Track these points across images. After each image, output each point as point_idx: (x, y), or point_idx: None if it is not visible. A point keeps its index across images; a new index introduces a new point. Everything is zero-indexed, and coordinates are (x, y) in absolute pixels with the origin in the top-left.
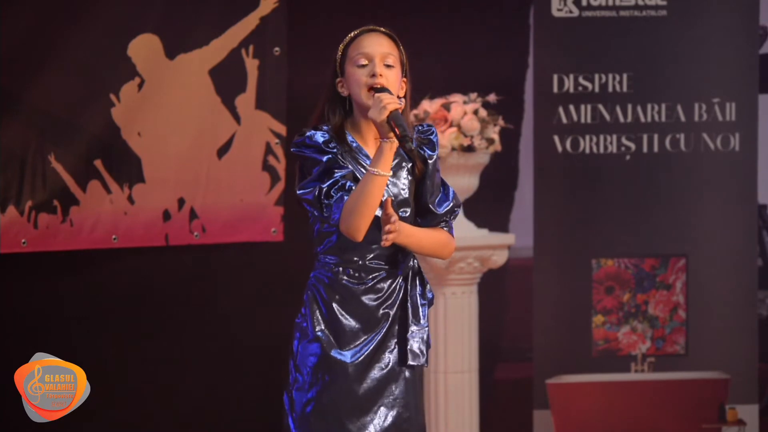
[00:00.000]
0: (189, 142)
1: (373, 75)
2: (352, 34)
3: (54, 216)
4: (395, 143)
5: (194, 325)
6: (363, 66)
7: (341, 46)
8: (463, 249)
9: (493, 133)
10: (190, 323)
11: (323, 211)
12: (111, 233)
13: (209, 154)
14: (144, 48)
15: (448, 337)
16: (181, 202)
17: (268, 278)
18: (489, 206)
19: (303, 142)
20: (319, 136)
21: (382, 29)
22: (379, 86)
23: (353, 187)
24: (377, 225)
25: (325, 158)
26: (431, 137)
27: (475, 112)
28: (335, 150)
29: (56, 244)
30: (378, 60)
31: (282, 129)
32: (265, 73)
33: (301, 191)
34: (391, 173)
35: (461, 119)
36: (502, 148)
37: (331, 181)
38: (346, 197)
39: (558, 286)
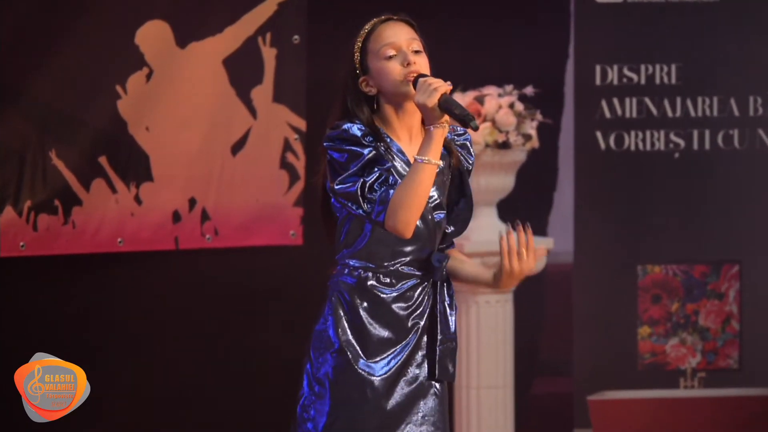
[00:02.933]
0: (201, 137)
1: (408, 64)
2: (367, 27)
3: (55, 217)
4: (446, 128)
5: (206, 334)
6: (391, 57)
7: (358, 42)
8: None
9: (530, 128)
10: (202, 332)
11: (365, 206)
12: (116, 236)
13: (223, 151)
14: (153, 36)
15: (481, 350)
16: (192, 202)
17: (285, 284)
18: (525, 208)
19: (340, 136)
20: (357, 129)
21: (396, 17)
22: (417, 74)
23: (398, 182)
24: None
25: (366, 151)
26: (467, 142)
27: (511, 106)
28: (373, 144)
29: (57, 247)
30: (406, 48)
31: (301, 123)
32: (284, 63)
33: (340, 186)
34: (442, 162)
35: (496, 113)
36: (539, 145)
37: (374, 175)
38: (391, 192)
39: (600, 295)
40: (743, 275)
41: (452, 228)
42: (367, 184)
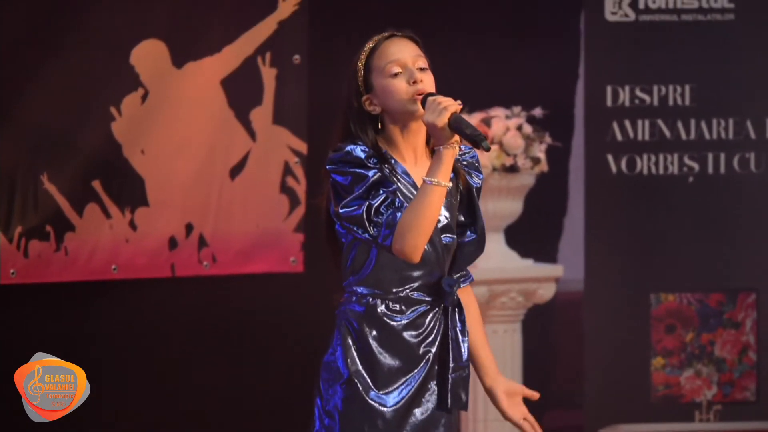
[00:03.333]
0: (198, 160)
1: (414, 82)
2: (371, 44)
3: (46, 243)
4: (456, 149)
5: (203, 365)
6: (397, 75)
7: (361, 60)
8: (506, 282)
9: (539, 151)
10: (199, 364)
11: (371, 230)
12: (110, 263)
13: (221, 175)
14: (148, 55)
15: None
16: (189, 228)
17: (286, 314)
18: (534, 234)
19: (343, 158)
20: (360, 151)
21: (401, 33)
22: (424, 92)
23: (404, 205)
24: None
25: (371, 173)
26: (474, 160)
27: (519, 128)
28: (378, 166)
29: (49, 274)
30: (411, 65)
31: (302, 146)
32: (284, 83)
33: (344, 209)
34: (451, 184)
35: (503, 136)
36: (549, 169)
37: (380, 198)
38: (398, 214)
39: (612, 324)
40: (760, 304)
41: (465, 254)
42: (373, 207)
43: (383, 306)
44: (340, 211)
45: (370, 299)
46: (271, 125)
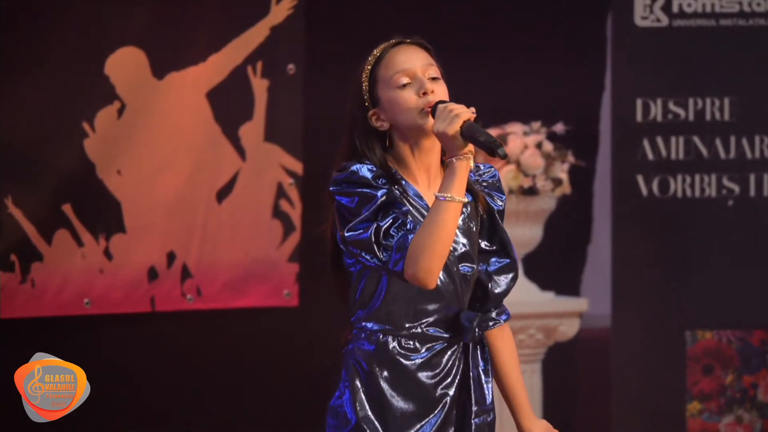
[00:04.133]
0: (181, 182)
1: (425, 93)
2: (376, 52)
3: (11, 274)
4: (471, 160)
5: (187, 411)
6: (405, 86)
7: (365, 70)
8: (524, 317)
9: (561, 171)
10: (182, 409)
11: (380, 254)
12: (83, 296)
13: (206, 198)
14: (125, 65)
15: (505, 426)
16: (170, 257)
17: (281, 353)
18: (556, 263)
19: (348, 179)
20: (367, 171)
21: (409, 40)
22: (435, 102)
23: (417, 227)
24: (443, 277)
25: (379, 193)
26: (495, 180)
27: (538, 146)
28: (387, 186)
29: (14, 309)
30: (422, 75)
31: (297, 166)
32: (277, 96)
33: (351, 233)
34: (467, 199)
35: (521, 154)
36: (571, 191)
37: (390, 219)
38: (410, 237)
39: (643, 365)
40: None
41: (499, 285)
42: (382, 230)
43: (395, 343)
44: (346, 235)
45: (381, 336)
46: (262, 142)
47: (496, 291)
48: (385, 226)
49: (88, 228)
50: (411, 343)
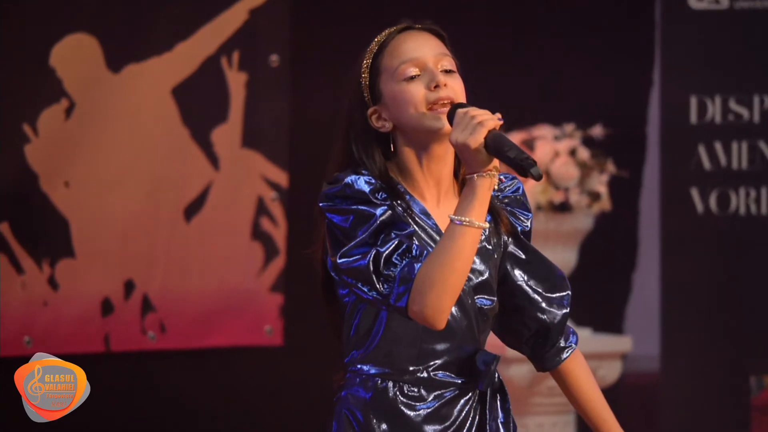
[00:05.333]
0: (141, 196)
1: (436, 86)
2: (380, 38)
3: None
4: (495, 178)
5: None
6: (413, 78)
7: (367, 59)
8: None
9: (599, 183)
10: None
11: (380, 286)
12: (22, 333)
13: (172, 216)
14: (74, 55)
15: None
16: (128, 286)
17: (260, 401)
18: (593, 295)
19: (341, 192)
20: (364, 183)
21: (420, 25)
22: (448, 101)
23: (425, 253)
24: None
25: (378, 212)
26: (518, 195)
27: (572, 153)
28: (388, 203)
29: None
30: (433, 66)
31: (282, 177)
32: (257, 93)
33: (344, 260)
34: (488, 225)
35: (551, 163)
36: (612, 207)
37: (392, 243)
38: (417, 265)
39: (698, 416)
40: None
41: (554, 312)
42: (383, 256)
43: (396, 390)
44: (339, 262)
45: (379, 381)
46: (239, 149)
47: (556, 320)
48: (386, 252)
49: (29, 252)
50: (415, 389)
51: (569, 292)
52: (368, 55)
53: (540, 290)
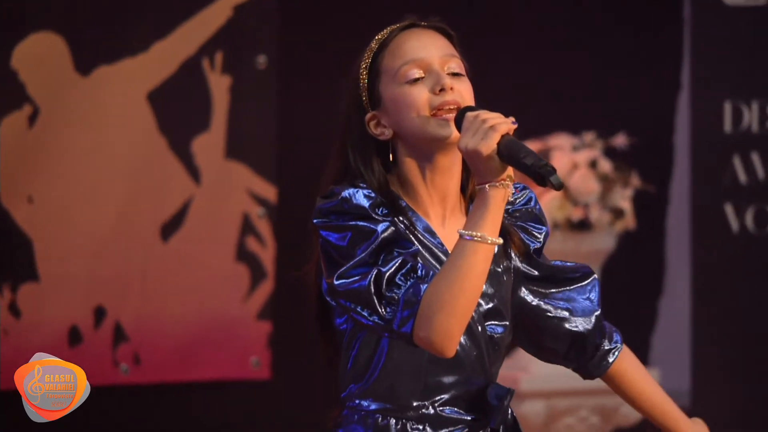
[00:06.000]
0: (113, 213)
1: (442, 89)
2: (382, 36)
3: None
4: (509, 189)
5: None
6: (417, 81)
7: (365, 60)
8: (573, 394)
9: (623, 199)
10: None
11: (382, 310)
12: None
13: (148, 234)
14: (39, 56)
15: None
16: (99, 313)
17: None
18: (616, 322)
19: (338, 208)
20: (363, 197)
21: (425, 23)
22: (455, 106)
23: (431, 274)
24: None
25: (380, 228)
26: (531, 207)
27: (593, 165)
28: (390, 218)
29: None
30: (439, 67)
31: (270, 192)
32: (243, 98)
33: (342, 281)
34: (501, 241)
35: (569, 176)
36: (637, 225)
37: (394, 263)
38: (422, 287)
39: None
40: None
41: (576, 321)
42: (385, 277)
43: (399, 428)
44: (336, 283)
45: (380, 418)
46: (222, 160)
47: (589, 327)
48: (388, 273)
49: None
50: (420, 427)
51: (596, 292)
52: (368, 54)
53: (561, 304)
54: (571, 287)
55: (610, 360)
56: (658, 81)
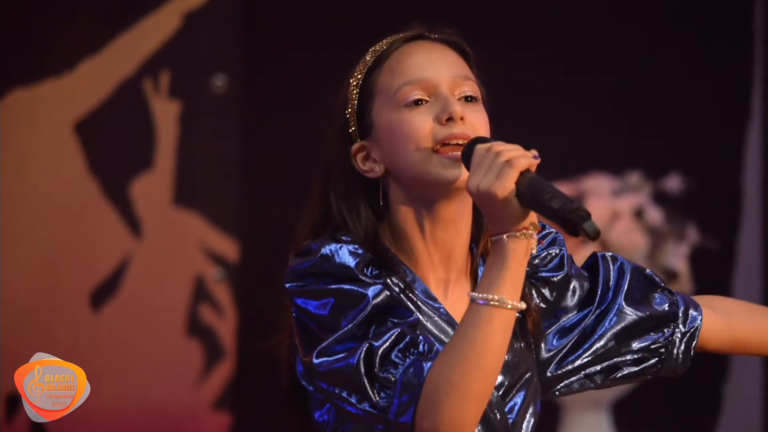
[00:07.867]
0: (31, 275)
1: (449, 119)
2: (379, 47)
3: None
4: (533, 240)
5: None
6: (418, 103)
7: (357, 75)
8: None
9: (676, 257)
10: None
11: (374, 395)
12: None
13: (74, 302)
14: None
15: None
16: (11, 402)
17: None
18: (672, 409)
19: (316, 268)
20: (348, 255)
21: (435, 35)
22: (464, 141)
23: (435, 349)
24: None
25: (370, 292)
26: (555, 249)
27: (638, 214)
28: (382, 281)
29: None
30: (448, 90)
31: (230, 248)
32: (195, 129)
33: (322, 359)
34: (524, 305)
35: (608, 228)
36: (695, 290)
37: (390, 336)
38: (426, 365)
39: None
40: None
41: (636, 353)
42: (378, 354)
43: None
44: (315, 362)
45: None
46: (169, 208)
47: (655, 311)
48: (382, 348)
49: None
50: None
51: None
52: (360, 69)
53: (629, 357)
54: (611, 331)
55: (695, 333)
56: (720, 108)
